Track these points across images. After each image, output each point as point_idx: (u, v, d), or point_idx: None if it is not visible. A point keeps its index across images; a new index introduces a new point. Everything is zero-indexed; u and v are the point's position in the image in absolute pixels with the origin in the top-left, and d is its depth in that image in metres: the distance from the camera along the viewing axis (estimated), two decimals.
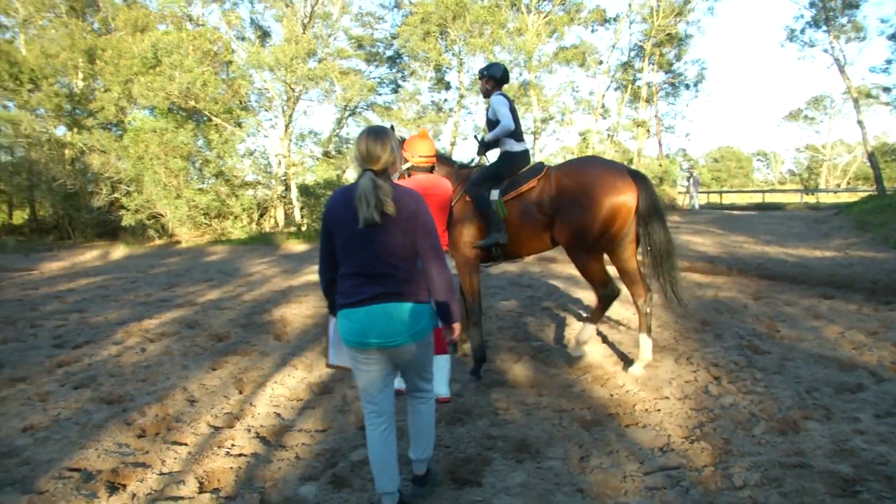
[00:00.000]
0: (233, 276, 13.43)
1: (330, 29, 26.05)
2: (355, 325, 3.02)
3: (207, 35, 24.76)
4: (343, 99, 26.12)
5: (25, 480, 3.77)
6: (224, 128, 24.57)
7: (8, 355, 6.99)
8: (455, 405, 4.83)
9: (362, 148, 3.04)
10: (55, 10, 30.05)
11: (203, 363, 6.31)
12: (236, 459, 4.02)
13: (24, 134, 25.68)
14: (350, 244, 3.03)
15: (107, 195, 24.53)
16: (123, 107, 25.56)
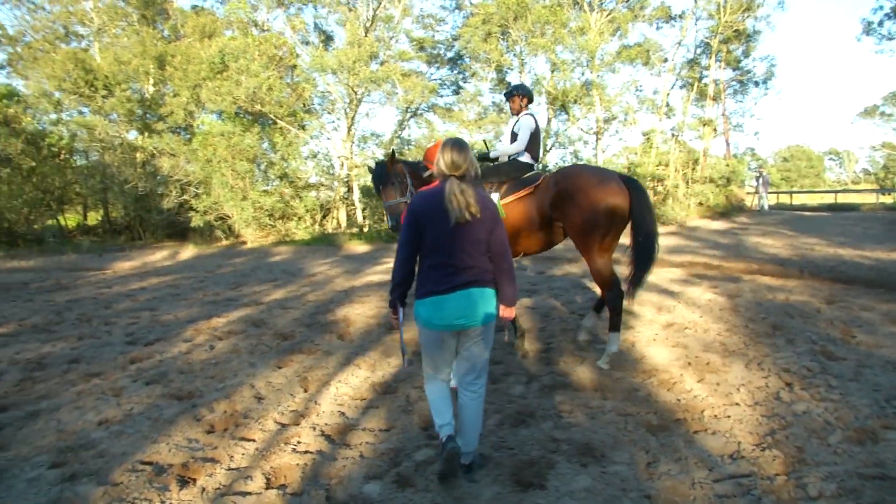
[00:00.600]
0: (297, 277, 13.60)
1: (392, 31, 26.22)
2: (445, 310, 3.47)
3: (273, 40, 25.19)
4: (405, 101, 26.25)
5: (101, 472, 3.87)
6: (288, 130, 24.95)
7: (84, 351, 7.22)
8: (518, 407, 4.75)
9: (447, 158, 3.49)
10: (127, 18, 31.15)
11: (269, 361, 6.38)
12: (302, 456, 4.03)
13: (99, 138, 26.64)
14: (440, 240, 3.46)
15: (176, 197, 25.24)
16: (192, 111, 26.23)
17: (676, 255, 13.51)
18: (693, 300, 8.58)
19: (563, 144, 26.48)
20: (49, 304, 11.05)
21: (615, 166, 26.26)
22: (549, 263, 13.47)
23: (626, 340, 6.65)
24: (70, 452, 4.18)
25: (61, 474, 3.84)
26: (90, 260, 20.86)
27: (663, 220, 22.64)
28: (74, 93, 26.79)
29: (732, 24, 25.04)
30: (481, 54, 26.07)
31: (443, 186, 3.49)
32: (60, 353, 7.16)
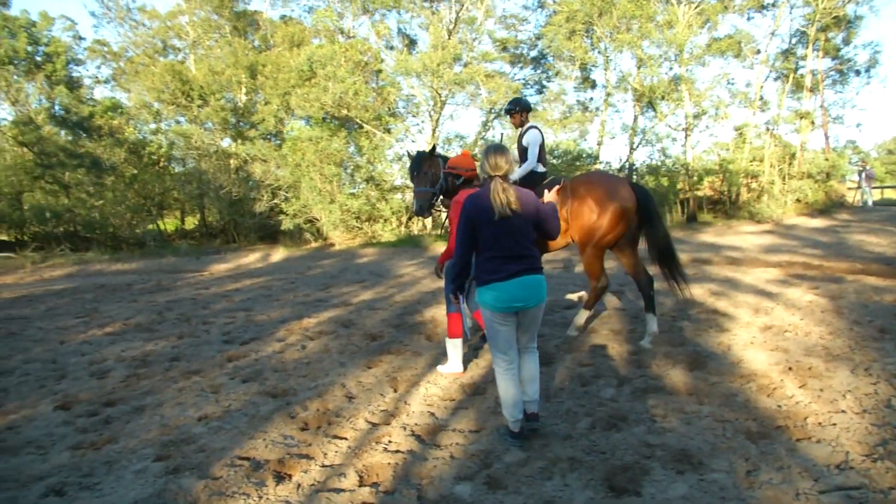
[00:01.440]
0: (384, 278, 13.78)
1: (475, 33, 26.28)
2: (505, 294, 3.98)
3: (358, 46, 25.68)
4: (488, 102, 26.25)
5: (201, 466, 3.99)
6: (374, 134, 25.35)
7: (184, 350, 7.51)
8: (609, 410, 4.62)
9: (491, 161, 4.04)
10: (220, 31, 32.40)
11: (359, 361, 6.46)
12: (393, 456, 4.05)
13: (195, 146, 27.82)
14: (494, 234, 3.99)
15: (267, 201, 26.06)
16: (282, 118, 27.03)
17: (773, 255, 12.94)
18: (792, 302, 8.20)
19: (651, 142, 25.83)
20: (151, 304, 11.58)
21: (706, 163, 25.46)
22: None
23: (721, 343, 6.40)
24: (173, 446, 4.34)
25: (165, 467, 3.99)
26: (188, 262, 21.78)
27: (758, 218, 21.78)
28: (172, 103, 28.06)
29: (831, 10, 23.78)
30: (565, 52, 25.77)
31: (488, 186, 4.02)
32: (162, 352, 7.48)
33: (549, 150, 23.64)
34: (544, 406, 4.78)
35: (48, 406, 5.49)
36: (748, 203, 23.11)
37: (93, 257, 23.97)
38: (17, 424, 5.04)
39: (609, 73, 26.27)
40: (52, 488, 3.75)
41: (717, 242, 16.48)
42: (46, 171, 27.04)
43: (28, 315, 11.11)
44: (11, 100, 28.41)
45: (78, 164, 26.60)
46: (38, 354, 7.76)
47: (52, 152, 26.57)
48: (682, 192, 24.21)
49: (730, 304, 8.37)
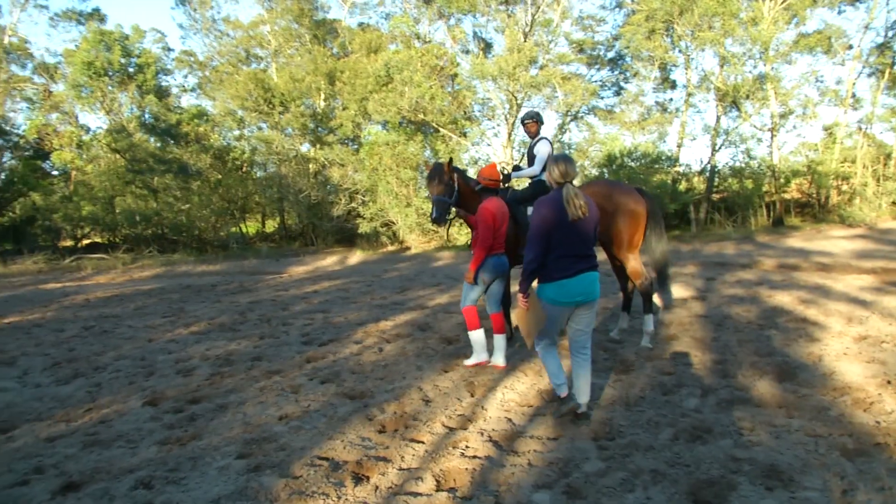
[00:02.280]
0: (459, 281, 13.76)
1: (551, 35, 26.00)
2: (569, 289, 4.42)
3: (434, 51, 25.86)
4: (565, 104, 25.95)
5: (282, 464, 4.06)
6: (450, 138, 25.44)
7: (265, 350, 7.68)
8: (693, 421, 4.46)
9: (562, 169, 4.46)
10: (300, 39, 33.19)
11: (435, 365, 6.46)
12: (471, 461, 4.01)
13: (276, 151, 28.56)
14: (564, 235, 4.38)
15: (345, 205, 26.50)
16: (359, 123, 27.44)
17: (866, 261, 12.28)
18: (889, 311, 7.75)
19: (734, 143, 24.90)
20: (234, 305, 11.92)
21: (793, 164, 24.45)
22: (719, 269, 12.75)
23: (811, 354, 6.10)
24: (255, 444, 4.43)
25: (247, 465, 4.08)
26: (268, 264, 22.35)
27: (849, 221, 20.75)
28: (255, 110, 28.90)
29: None
30: (644, 53, 25.21)
31: (560, 192, 4.42)
32: (244, 351, 7.68)
33: (627, 153, 23.19)
34: (625, 414, 4.65)
35: (137, 402, 5.71)
36: (839, 206, 22.03)
37: (179, 259, 24.91)
38: (109, 418, 5.25)
39: (690, 73, 25.47)
40: (141, 481, 3.88)
41: (805, 247, 15.77)
42: (137, 177, 28.26)
43: (119, 314, 11.60)
44: (106, 109, 29.82)
45: (166, 170, 27.70)
46: (128, 352, 8.09)
47: (143, 158, 27.74)
48: (768, 194, 23.28)
49: (820, 312, 7.98)
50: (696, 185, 24.83)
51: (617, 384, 5.41)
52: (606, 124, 28.87)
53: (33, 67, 34.44)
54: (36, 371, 7.38)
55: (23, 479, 4.03)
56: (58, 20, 34.28)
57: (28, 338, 9.65)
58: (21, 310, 13.13)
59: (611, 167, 22.78)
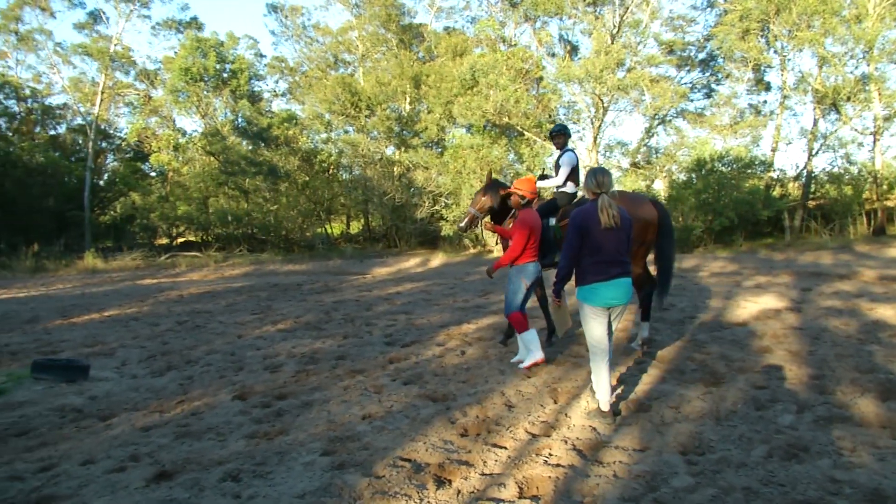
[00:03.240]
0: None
1: (640, 36, 25.47)
2: (605, 293, 4.70)
3: (519, 54, 25.76)
4: (653, 107, 25.36)
5: (365, 464, 4.05)
6: (534, 141, 25.26)
7: (348, 349, 7.77)
8: (788, 439, 4.20)
9: (599, 180, 4.73)
10: (387, 44, 33.69)
11: (518, 370, 6.36)
12: (554, 469, 3.90)
13: (361, 154, 29.07)
14: (598, 242, 4.67)
15: (428, 207, 26.70)
16: (444, 126, 27.62)
17: None
18: None
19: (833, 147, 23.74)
20: (319, 304, 12.14)
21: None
22: (815, 280, 12.14)
23: None
24: (339, 442, 4.45)
25: (331, 462, 4.10)
26: (352, 265, 22.73)
27: None
28: (342, 114, 29.50)
29: None
30: (737, 53, 24.35)
31: (596, 202, 4.68)
32: (329, 350, 7.78)
33: (718, 157, 22.44)
34: (715, 429, 4.44)
35: (227, 395, 5.85)
36: None
37: (267, 258, 25.65)
38: (200, 411, 5.40)
39: (786, 74, 24.40)
40: (230, 473, 3.95)
41: None
42: (229, 178, 29.28)
43: (211, 310, 12.00)
44: (202, 113, 31.06)
45: (257, 172, 28.59)
46: (219, 347, 8.33)
47: (235, 161, 28.73)
48: (869, 202, 22.08)
49: None
50: (791, 191, 23.80)
51: (707, 397, 5.17)
52: (696, 128, 28.04)
53: (135, 74, 36.21)
54: (133, 362, 7.70)
55: (120, 466, 4.18)
56: (159, 29, 35.89)
57: (126, 330, 10.10)
58: (120, 304, 13.77)
59: (700, 172, 22.08)
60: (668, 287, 7.21)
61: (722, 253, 19.41)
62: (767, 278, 12.52)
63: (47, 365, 6.93)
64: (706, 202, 20.81)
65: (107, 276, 22.92)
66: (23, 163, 29.86)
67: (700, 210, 20.80)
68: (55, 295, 16.82)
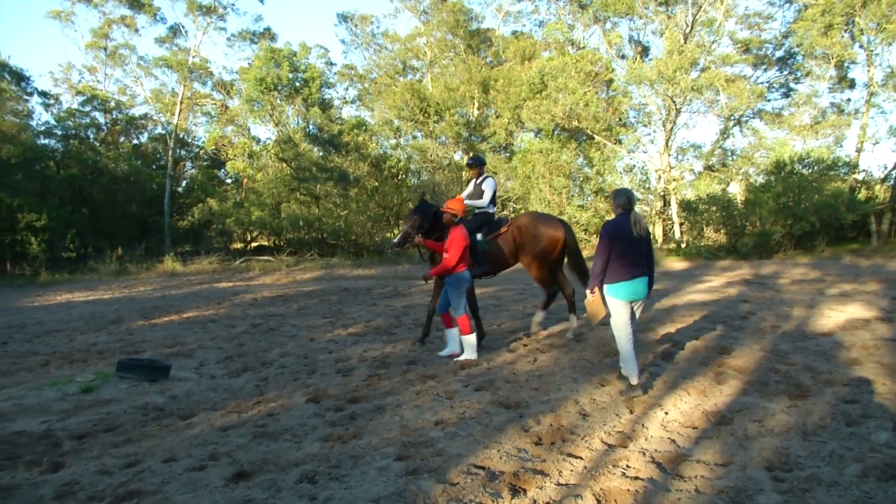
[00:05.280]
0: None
1: (714, 35, 24.78)
2: (630, 289, 5.61)
3: (588, 57, 25.46)
4: (728, 108, 24.61)
5: (439, 470, 4.02)
6: (604, 145, 24.92)
7: (419, 354, 7.81)
8: (885, 458, 3.92)
9: (630, 197, 5.78)
10: (455, 49, 33.83)
11: (591, 377, 6.23)
12: (632, 482, 3.78)
13: (430, 159, 29.26)
14: (625, 248, 5.58)
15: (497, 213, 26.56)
16: (512, 130, 27.54)
17: None
18: None
19: None
20: (388, 308, 12.24)
21: None
22: None
23: None
24: (412, 448, 4.45)
25: (405, 467, 4.09)
26: (421, 269, 22.79)
27: None
28: (410, 119, 29.76)
29: None
30: (818, 50, 23.42)
31: (627, 216, 5.65)
32: (400, 354, 7.83)
33: (798, 159, 21.58)
34: (802, 444, 4.24)
35: (301, 398, 5.94)
36: None
37: (337, 262, 26.05)
38: (276, 412, 5.50)
39: (873, 70, 23.29)
40: (306, 475, 3.99)
41: None
42: (301, 184, 29.88)
43: (283, 313, 12.25)
44: (275, 121, 31.84)
45: (328, 178, 29.09)
46: (292, 349, 8.49)
47: (307, 167, 29.31)
48: None
49: None
50: (879, 193, 22.67)
51: (792, 410, 4.93)
52: (774, 129, 27.00)
53: (212, 85, 37.51)
54: (211, 363, 7.92)
55: (200, 465, 4.28)
56: (234, 40, 37.06)
57: (204, 332, 10.41)
58: (198, 306, 14.21)
59: (779, 174, 21.29)
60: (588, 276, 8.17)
61: (803, 259, 18.68)
62: (853, 286, 11.96)
63: (131, 364, 7.20)
64: (786, 206, 20.04)
65: (185, 279, 23.72)
66: (108, 171, 31.35)
67: (779, 214, 20.02)
68: (137, 297, 17.51)
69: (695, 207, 22.35)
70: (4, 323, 12.76)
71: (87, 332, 11.01)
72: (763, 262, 18.56)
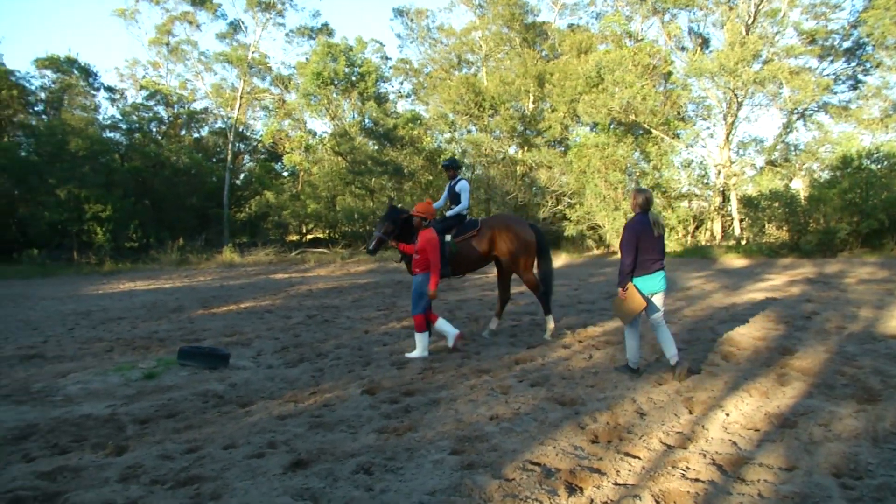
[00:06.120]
0: (669, 290, 13.07)
1: (777, 26, 24.08)
2: (652, 282, 6.04)
3: (647, 49, 24.99)
4: (791, 101, 23.89)
5: (494, 465, 4.00)
6: (661, 139, 24.47)
7: (473, 348, 7.77)
8: None
9: (648, 197, 6.19)
10: (510, 43, 33.64)
11: (648, 376, 6.13)
12: (693, 484, 3.69)
13: (485, 153, 29.16)
14: (648, 245, 5.99)
15: (551, 207, 26.45)
16: (567, 125, 27.26)
17: None
18: None
19: None
20: (442, 302, 12.25)
21: None
22: None
23: None
24: (467, 442, 4.44)
25: (460, 461, 4.08)
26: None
27: None
28: (465, 113, 29.73)
29: None
30: (889, 40, 22.52)
31: (646, 216, 6.07)
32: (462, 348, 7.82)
33: (866, 154, 20.80)
34: (872, 451, 4.08)
35: (356, 389, 6.00)
36: None
37: (391, 255, 26.18)
38: (332, 403, 5.56)
39: None
40: (362, 466, 4.03)
41: None
42: (356, 178, 30.20)
43: (338, 305, 12.40)
44: (331, 115, 32.24)
45: (382, 171, 29.34)
46: (347, 341, 8.59)
47: (362, 160, 29.61)
48: None
49: None
50: None
51: (860, 415, 4.74)
52: (840, 122, 26.12)
53: (271, 79, 38.15)
54: (268, 353, 8.07)
55: (259, 452, 4.36)
56: (292, 36, 37.64)
57: (261, 322, 10.60)
58: (255, 296, 14.50)
59: (846, 170, 20.56)
60: (551, 292, 8.76)
61: (870, 258, 18.02)
62: None
63: (192, 352, 7.38)
64: (852, 202, 19.34)
65: (242, 269, 24.22)
66: (170, 164, 32.20)
67: (845, 211, 19.33)
68: (197, 286, 17.95)
69: (756, 203, 21.78)
70: (71, 310, 13.23)
71: (148, 320, 11.34)
72: (827, 260, 17.99)
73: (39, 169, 27.14)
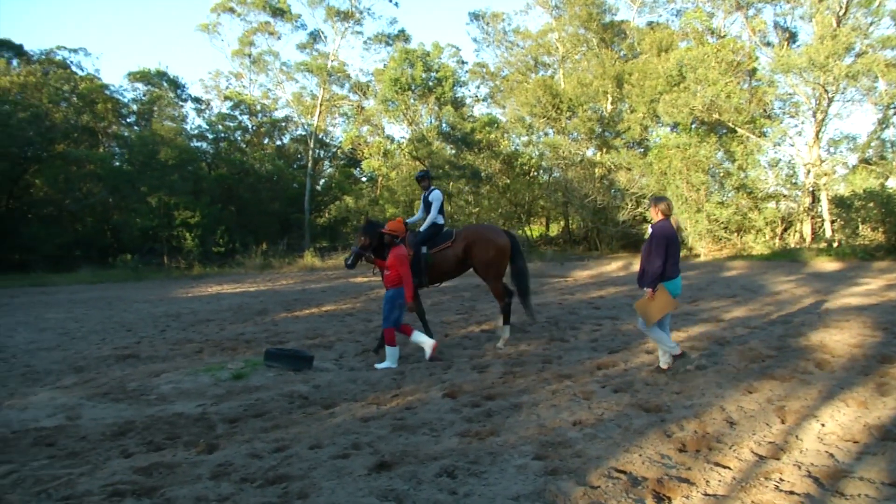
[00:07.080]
0: (757, 294, 12.68)
1: (871, 16, 22.90)
2: (674, 285, 6.38)
3: (730, 45, 24.21)
4: (888, 96, 22.67)
5: (579, 472, 3.95)
6: (747, 138, 23.67)
7: (554, 352, 7.73)
8: None
9: (668, 204, 6.59)
10: (587, 44, 33.26)
11: (738, 384, 5.91)
12: (788, 497, 3.54)
13: (562, 156, 28.88)
14: (674, 249, 6.36)
15: (631, 209, 25.96)
16: (647, 125, 26.71)
17: None
18: None
19: None
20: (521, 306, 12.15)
21: None
22: None
23: None
24: (550, 447, 4.40)
25: (544, 467, 4.05)
26: (553, 268, 22.64)
27: None
28: (543, 116, 29.50)
29: None
30: None
31: (669, 221, 6.48)
32: (534, 353, 7.79)
33: None
34: None
35: (438, 392, 6.03)
36: None
37: None
38: (414, 406, 5.61)
39: None
40: (445, 469, 4.04)
41: None
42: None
43: None
44: (409, 120, 32.61)
45: (460, 175, 29.45)
46: None
47: (440, 165, 29.79)
48: None
49: None
50: None
51: None
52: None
53: (350, 87, 38.93)
54: (349, 355, 8.23)
55: (344, 453, 4.44)
56: (370, 43, 38.36)
57: (342, 325, 10.82)
58: (335, 300, 14.79)
59: None
60: (529, 297, 9.03)
61: None
62: None
63: (277, 354, 7.59)
64: None
65: (323, 273, 24.75)
66: (254, 171, 33.32)
67: None
68: (280, 290, 18.45)
69: (849, 204, 20.77)
70: (163, 312, 13.81)
71: (235, 322, 11.73)
72: None
73: (132, 178, 28.63)
